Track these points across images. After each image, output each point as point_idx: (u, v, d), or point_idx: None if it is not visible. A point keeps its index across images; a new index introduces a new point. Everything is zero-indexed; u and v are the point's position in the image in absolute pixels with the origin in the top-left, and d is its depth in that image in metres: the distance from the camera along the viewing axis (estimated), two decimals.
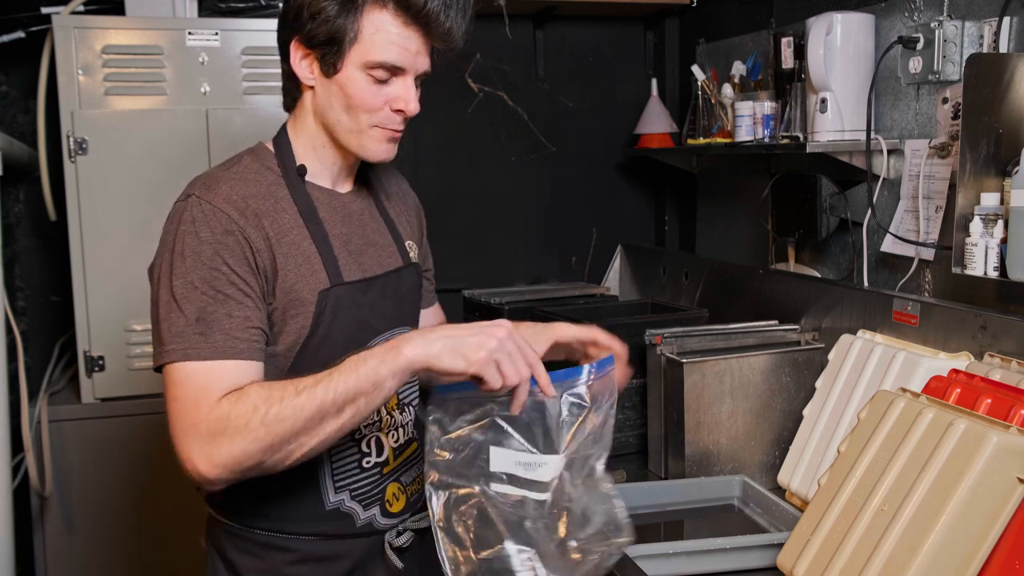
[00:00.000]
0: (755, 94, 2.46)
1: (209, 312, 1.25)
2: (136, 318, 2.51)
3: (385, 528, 1.46)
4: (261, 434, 1.19)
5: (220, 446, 1.19)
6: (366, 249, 1.46)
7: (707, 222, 3.00)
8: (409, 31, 1.31)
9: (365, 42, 1.31)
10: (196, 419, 1.21)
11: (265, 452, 1.20)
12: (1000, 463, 1.19)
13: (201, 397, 1.22)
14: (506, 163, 3.05)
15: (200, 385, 1.22)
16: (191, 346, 1.23)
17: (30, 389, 2.59)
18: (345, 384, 1.20)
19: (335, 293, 1.36)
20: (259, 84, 2.58)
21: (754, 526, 1.71)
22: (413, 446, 1.53)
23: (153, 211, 2.48)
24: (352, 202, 1.48)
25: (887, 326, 1.82)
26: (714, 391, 1.86)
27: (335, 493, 1.41)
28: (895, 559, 1.23)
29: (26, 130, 2.79)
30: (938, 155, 1.95)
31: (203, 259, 1.26)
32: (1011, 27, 1.77)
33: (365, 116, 1.35)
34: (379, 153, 1.39)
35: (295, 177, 1.39)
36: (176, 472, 1.28)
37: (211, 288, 1.25)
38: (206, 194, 1.31)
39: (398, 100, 1.35)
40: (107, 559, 2.55)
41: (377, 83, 1.33)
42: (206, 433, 1.20)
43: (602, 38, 3.12)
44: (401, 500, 1.48)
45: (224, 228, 1.28)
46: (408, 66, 1.34)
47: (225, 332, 1.25)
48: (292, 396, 1.20)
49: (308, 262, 1.35)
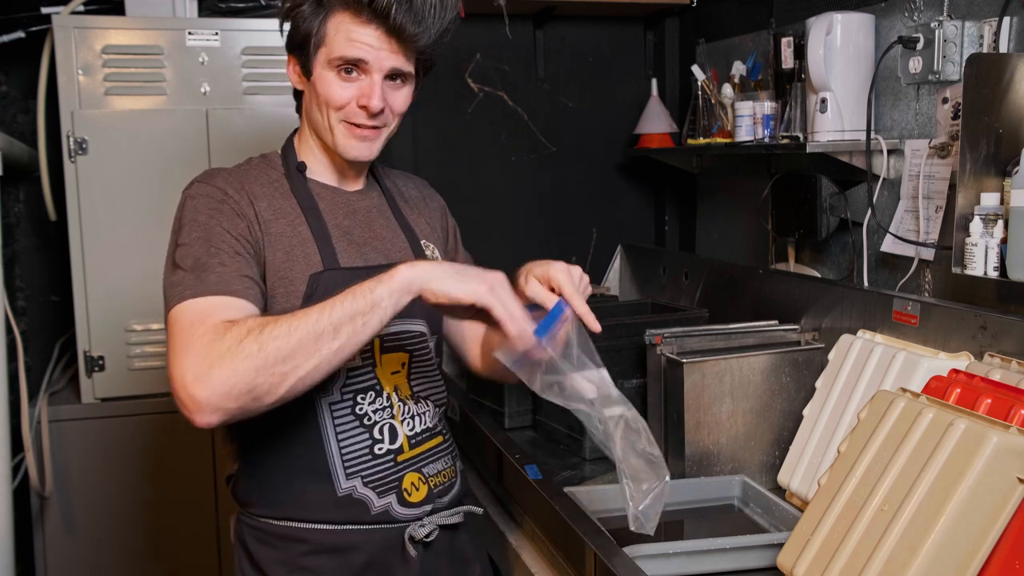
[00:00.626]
0: (755, 94, 2.46)
1: (203, 262, 1.30)
2: (136, 318, 2.51)
3: (405, 519, 1.46)
4: (254, 350, 1.18)
5: (213, 366, 1.18)
6: (370, 242, 1.49)
7: (707, 222, 3.00)
8: (367, 28, 1.37)
9: (329, 42, 1.39)
10: (190, 342, 1.21)
11: (258, 371, 1.18)
12: (1000, 463, 1.19)
13: (196, 325, 1.23)
14: (506, 163, 3.05)
15: (196, 316, 1.25)
16: (187, 288, 1.28)
17: (30, 389, 2.59)
18: (341, 305, 1.22)
19: (328, 277, 1.39)
20: (259, 84, 2.58)
21: (754, 526, 1.71)
22: (438, 439, 1.53)
23: (153, 211, 2.50)
24: (359, 200, 1.52)
25: (887, 326, 1.82)
26: (714, 391, 1.86)
27: (347, 479, 1.42)
28: (895, 559, 1.23)
29: (26, 130, 2.79)
30: (938, 155, 1.95)
31: (199, 224, 1.35)
32: (1011, 27, 1.77)
33: (334, 113, 1.42)
34: (350, 150, 1.44)
35: (296, 173, 1.48)
36: (176, 472, 1.29)
37: (206, 243, 1.33)
38: (206, 178, 1.42)
39: (362, 97, 1.40)
40: (107, 559, 2.55)
41: (344, 80, 1.40)
42: (198, 354, 1.19)
43: (602, 38, 3.12)
44: (422, 490, 1.48)
45: (219, 199, 1.38)
46: (370, 59, 1.38)
47: (219, 275, 1.30)
48: (287, 319, 1.21)
49: (302, 245, 1.41)
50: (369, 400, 1.44)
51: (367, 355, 1.44)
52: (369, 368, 1.45)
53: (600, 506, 1.73)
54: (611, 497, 1.79)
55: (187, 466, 2.56)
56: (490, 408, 2.34)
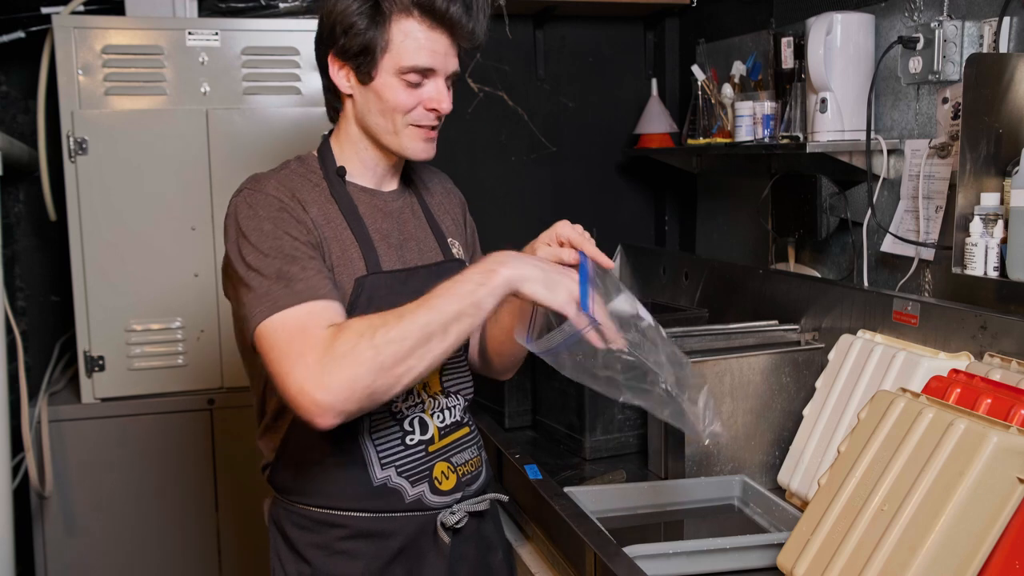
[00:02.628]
0: (755, 94, 2.46)
1: (285, 271, 1.31)
2: (136, 318, 2.51)
3: (437, 506, 1.50)
4: (370, 355, 1.21)
5: (332, 371, 1.21)
6: (406, 243, 1.52)
7: (707, 222, 3.00)
8: (436, 34, 1.40)
9: (396, 49, 1.39)
10: (303, 351, 1.23)
11: (376, 374, 1.22)
12: (1000, 463, 1.19)
13: (302, 335, 1.25)
14: (506, 163, 3.05)
15: (297, 327, 1.26)
16: (278, 298, 1.29)
17: (30, 389, 2.59)
18: (447, 305, 1.25)
19: (371, 281, 1.42)
20: (259, 84, 2.58)
21: (754, 526, 1.71)
22: (464, 430, 1.57)
23: (153, 211, 2.50)
24: (394, 201, 1.54)
25: (887, 326, 1.82)
26: (714, 391, 1.86)
27: (381, 469, 1.45)
28: (895, 559, 1.23)
29: (26, 130, 2.79)
30: (938, 155, 1.95)
31: (266, 233, 1.34)
32: (1011, 27, 1.77)
33: (401, 117, 1.43)
34: (418, 151, 1.46)
35: (336, 178, 1.48)
36: (176, 472, 1.29)
37: (280, 253, 1.33)
38: (256, 186, 1.41)
39: (431, 100, 1.43)
40: (107, 559, 2.55)
41: (410, 86, 1.41)
42: (315, 362, 1.22)
43: (602, 38, 3.12)
44: (452, 479, 1.52)
45: (278, 207, 1.37)
46: (438, 67, 1.42)
47: (305, 281, 1.31)
48: (396, 321, 1.23)
49: (346, 251, 1.43)
50: (402, 397, 1.47)
51: None
52: None
53: (600, 506, 1.73)
54: (611, 497, 1.79)
55: (187, 466, 2.56)
56: (490, 408, 2.34)
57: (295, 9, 2.69)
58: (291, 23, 2.61)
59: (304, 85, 2.61)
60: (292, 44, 2.58)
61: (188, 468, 2.57)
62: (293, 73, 2.60)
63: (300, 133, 2.56)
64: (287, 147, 2.52)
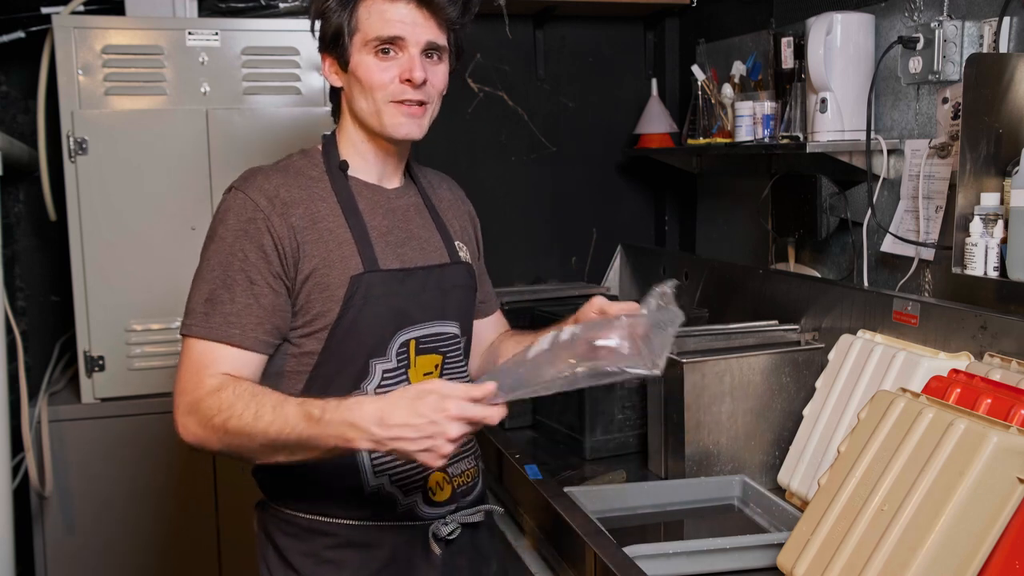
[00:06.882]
0: (755, 94, 2.46)
1: (216, 295, 1.37)
2: (136, 318, 2.51)
3: (430, 517, 1.48)
4: (219, 437, 1.31)
5: (190, 424, 1.33)
6: (407, 242, 1.50)
7: (707, 222, 3.00)
8: (397, 5, 1.40)
9: (363, 26, 1.41)
10: (184, 390, 1.35)
11: (221, 451, 1.34)
12: (1000, 463, 1.19)
13: (193, 373, 1.35)
14: (506, 163, 3.05)
15: (195, 361, 1.36)
16: (196, 323, 1.37)
17: (30, 389, 2.59)
18: (298, 435, 1.26)
19: (367, 279, 1.41)
20: (259, 84, 2.58)
21: (754, 526, 1.71)
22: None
23: (153, 211, 2.50)
24: (397, 198, 1.53)
25: (887, 326, 1.82)
26: (714, 391, 1.86)
27: (375, 476, 1.44)
28: (895, 559, 1.23)
29: (26, 130, 2.79)
30: (938, 155, 1.95)
31: (224, 244, 1.39)
32: (1011, 27, 1.77)
33: (380, 94, 1.42)
34: (400, 128, 1.44)
35: (338, 172, 1.48)
36: (176, 472, 1.31)
37: (223, 271, 1.37)
38: (243, 184, 1.43)
39: (405, 71, 1.41)
40: (107, 559, 2.55)
41: (383, 60, 1.41)
42: (185, 407, 1.34)
43: (602, 38, 3.12)
44: (447, 490, 1.50)
45: (249, 216, 1.39)
46: (407, 36, 1.40)
47: (224, 316, 1.36)
48: (252, 421, 1.28)
49: (341, 248, 1.42)
50: None
51: (402, 357, 1.45)
52: (403, 370, 1.45)
53: (600, 506, 1.73)
54: (611, 497, 1.79)
55: (187, 466, 2.56)
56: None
57: (295, 9, 2.69)
58: (291, 23, 2.61)
59: (304, 85, 2.60)
60: (292, 44, 2.58)
61: (188, 468, 2.57)
62: (293, 73, 2.60)
63: (300, 133, 2.56)
64: (287, 147, 2.50)
